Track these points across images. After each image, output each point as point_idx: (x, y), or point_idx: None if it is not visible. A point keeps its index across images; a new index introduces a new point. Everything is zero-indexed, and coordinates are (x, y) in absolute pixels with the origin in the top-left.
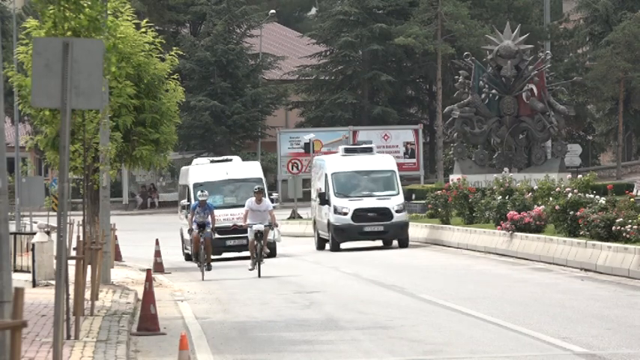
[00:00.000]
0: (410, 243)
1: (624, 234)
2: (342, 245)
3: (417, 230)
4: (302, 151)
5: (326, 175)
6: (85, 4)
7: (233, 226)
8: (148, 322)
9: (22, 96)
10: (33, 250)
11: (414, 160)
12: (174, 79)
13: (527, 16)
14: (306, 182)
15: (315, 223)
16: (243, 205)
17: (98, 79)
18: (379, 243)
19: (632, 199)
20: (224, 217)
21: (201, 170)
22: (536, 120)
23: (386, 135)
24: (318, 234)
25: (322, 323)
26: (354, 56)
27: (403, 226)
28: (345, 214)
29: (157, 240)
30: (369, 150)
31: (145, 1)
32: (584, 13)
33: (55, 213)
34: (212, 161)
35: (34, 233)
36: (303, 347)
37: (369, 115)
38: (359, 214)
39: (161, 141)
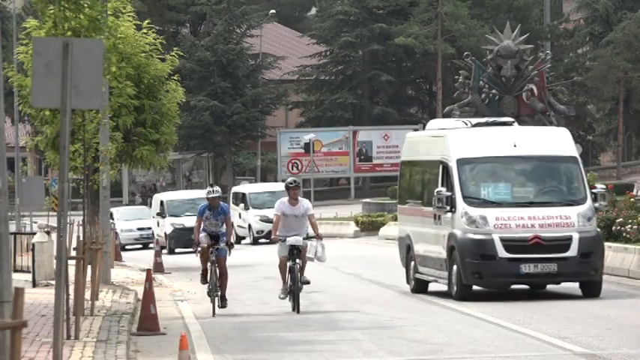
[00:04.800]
0: None
1: (624, 234)
2: None
3: None
4: (302, 151)
5: None
6: (85, 4)
7: (533, 239)
8: (148, 322)
9: (22, 96)
10: (33, 250)
11: None
12: (174, 79)
13: (527, 16)
14: (313, 182)
15: None
16: (545, 204)
17: (98, 79)
18: None
19: (632, 199)
20: (516, 222)
21: (468, 138)
22: (537, 120)
23: (386, 135)
24: None
25: (322, 323)
26: (354, 56)
27: None
28: None
29: (157, 240)
30: None
31: (145, 1)
32: (584, 13)
33: (55, 213)
34: (476, 124)
35: (34, 233)
36: (303, 347)
37: (369, 115)
38: None
39: (161, 141)
